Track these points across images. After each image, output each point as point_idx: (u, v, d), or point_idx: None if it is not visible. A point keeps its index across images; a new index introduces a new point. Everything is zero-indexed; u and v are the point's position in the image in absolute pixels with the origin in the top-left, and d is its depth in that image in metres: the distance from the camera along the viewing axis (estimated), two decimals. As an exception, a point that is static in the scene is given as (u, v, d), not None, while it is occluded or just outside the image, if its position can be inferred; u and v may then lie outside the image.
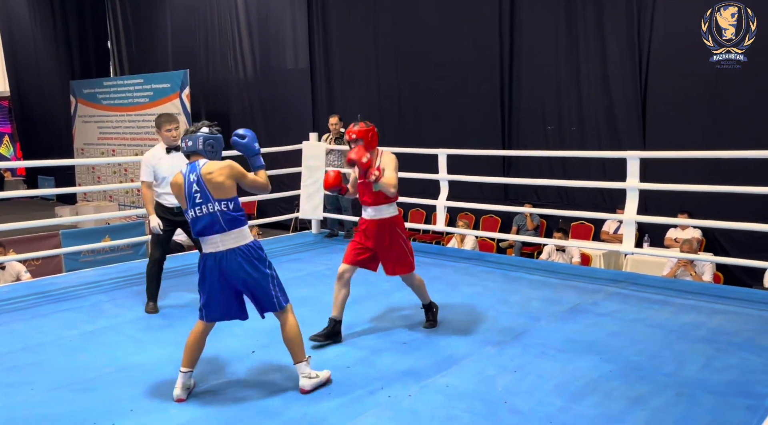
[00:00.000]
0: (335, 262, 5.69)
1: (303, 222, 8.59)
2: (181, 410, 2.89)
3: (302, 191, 6.80)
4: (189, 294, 4.69)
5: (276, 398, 2.99)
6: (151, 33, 13.98)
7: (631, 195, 5.04)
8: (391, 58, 9.71)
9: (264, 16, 11.56)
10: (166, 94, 12.57)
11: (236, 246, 2.97)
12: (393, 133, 9.62)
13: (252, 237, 3.08)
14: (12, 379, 3.25)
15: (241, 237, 2.99)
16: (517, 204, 8.10)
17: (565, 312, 4.24)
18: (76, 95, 14.86)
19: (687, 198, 6.46)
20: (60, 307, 4.43)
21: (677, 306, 4.36)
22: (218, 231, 2.95)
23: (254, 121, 11.93)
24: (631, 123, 7.53)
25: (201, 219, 2.96)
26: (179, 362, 3.09)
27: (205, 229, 2.96)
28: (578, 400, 2.94)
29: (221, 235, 2.95)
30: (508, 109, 8.55)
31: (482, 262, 5.74)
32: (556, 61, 8.07)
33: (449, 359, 3.43)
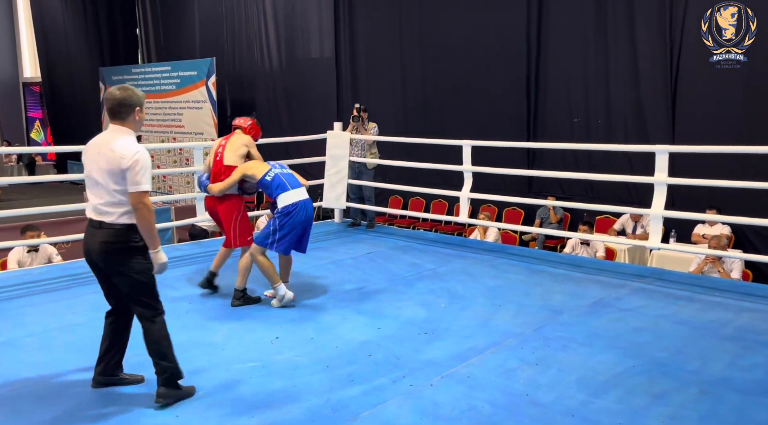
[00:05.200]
0: (358, 251, 5.76)
1: (326, 211, 8.64)
2: (206, 395, 2.95)
3: (326, 180, 6.84)
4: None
5: (299, 384, 3.04)
6: (179, 21, 14.13)
7: (659, 189, 4.97)
8: (417, 48, 9.67)
9: (290, 6, 11.59)
10: (192, 81, 12.72)
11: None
12: (417, 123, 9.61)
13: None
14: (46, 358, 3.36)
15: None
16: (540, 196, 8.04)
17: (588, 306, 4.21)
18: (105, 82, 15.12)
19: (716, 193, 6.33)
20: (91, 289, 4.51)
21: (704, 303, 4.30)
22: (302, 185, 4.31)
23: (278, 109, 12.00)
24: (660, 116, 7.39)
25: (291, 176, 4.30)
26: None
27: (296, 182, 4.27)
28: (600, 395, 2.93)
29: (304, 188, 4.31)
30: (534, 101, 8.46)
31: (505, 255, 5.73)
32: (584, 52, 7.95)
33: (471, 350, 3.44)
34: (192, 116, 12.86)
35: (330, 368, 3.21)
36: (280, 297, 4.18)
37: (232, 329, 3.79)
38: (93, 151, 2.85)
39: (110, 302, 2.99)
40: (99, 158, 2.80)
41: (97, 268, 2.90)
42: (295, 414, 2.76)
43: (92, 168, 2.82)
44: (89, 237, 2.84)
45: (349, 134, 6.71)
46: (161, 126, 13.67)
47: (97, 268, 2.89)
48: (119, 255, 2.79)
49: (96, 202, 2.81)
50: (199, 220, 6.45)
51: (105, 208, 2.79)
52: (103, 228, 2.79)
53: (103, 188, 2.78)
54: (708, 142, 5.77)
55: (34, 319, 3.96)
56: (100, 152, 2.80)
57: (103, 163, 2.77)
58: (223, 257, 4.53)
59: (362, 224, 6.92)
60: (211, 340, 3.58)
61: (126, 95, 2.80)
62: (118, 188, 2.76)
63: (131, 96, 2.82)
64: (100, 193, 2.80)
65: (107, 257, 2.80)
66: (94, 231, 2.81)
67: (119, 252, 2.79)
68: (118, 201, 2.77)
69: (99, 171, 2.79)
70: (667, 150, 4.97)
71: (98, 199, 2.80)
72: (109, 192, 2.77)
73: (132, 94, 2.83)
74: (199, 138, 12.44)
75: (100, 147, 2.82)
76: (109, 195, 2.78)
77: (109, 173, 2.76)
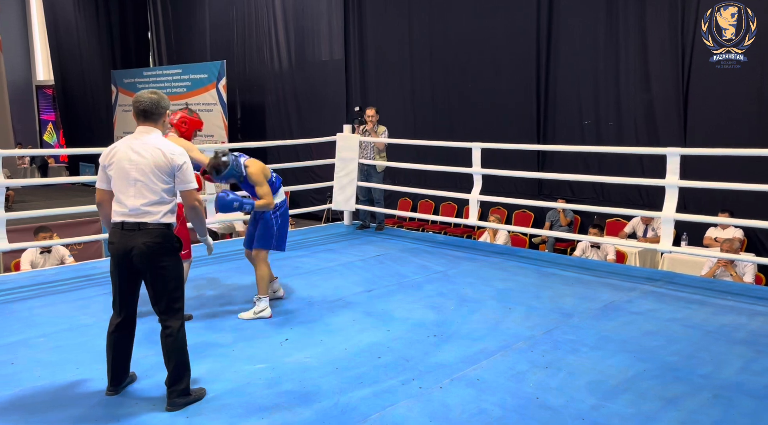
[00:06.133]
0: (367, 253, 5.76)
1: (335, 214, 8.66)
2: (216, 397, 2.96)
3: (335, 183, 6.86)
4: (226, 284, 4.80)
5: (308, 386, 3.05)
6: (190, 24, 14.23)
7: (670, 192, 4.93)
8: (426, 50, 9.67)
9: (300, 9, 11.64)
10: (203, 84, 12.80)
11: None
12: (426, 126, 9.61)
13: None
14: (57, 358, 3.39)
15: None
16: (550, 199, 8.01)
17: (599, 309, 4.19)
18: (116, 84, 15.25)
19: (728, 196, 6.28)
20: (102, 290, 4.57)
21: (716, 307, 4.26)
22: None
23: (288, 112, 12.05)
24: (672, 119, 7.35)
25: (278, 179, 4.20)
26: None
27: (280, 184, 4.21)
28: (611, 399, 2.91)
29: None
30: (544, 103, 8.44)
31: (515, 257, 5.71)
32: (594, 54, 7.92)
33: (481, 353, 3.43)
34: (203, 118, 12.92)
35: (339, 370, 3.21)
36: (259, 310, 3.97)
37: (241, 331, 3.80)
38: (128, 152, 2.82)
39: (123, 313, 2.89)
40: (141, 158, 2.80)
41: (131, 272, 2.83)
42: (305, 415, 2.76)
43: (131, 168, 2.80)
44: (126, 241, 2.77)
45: (358, 136, 6.72)
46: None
47: (131, 272, 2.83)
48: (163, 255, 2.80)
49: (136, 204, 2.78)
50: (209, 222, 6.48)
51: (148, 208, 2.79)
52: (143, 229, 2.77)
53: (148, 188, 2.79)
54: (720, 144, 5.73)
55: (47, 320, 4.00)
56: (142, 152, 2.80)
57: (150, 163, 2.79)
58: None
59: (371, 226, 6.93)
60: (220, 342, 3.59)
61: (160, 98, 2.91)
62: (165, 187, 2.81)
63: (164, 99, 2.94)
64: (143, 193, 2.79)
65: (152, 258, 2.79)
66: (131, 233, 2.77)
67: (163, 253, 2.81)
68: (162, 200, 2.81)
69: (141, 171, 2.79)
70: (678, 152, 4.93)
71: (139, 200, 2.78)
72: (154, 191, 2.79)
73: (164, 98, 2.95)
74: (209, 140, 12.51)
75: (142, 147, 2.81)
76: (154, 194, 2.79)
77: (156, 173, 2.79)
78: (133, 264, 2.80)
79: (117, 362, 2.92)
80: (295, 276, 4.94)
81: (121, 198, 2.82)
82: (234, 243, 6.24)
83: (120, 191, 2.83)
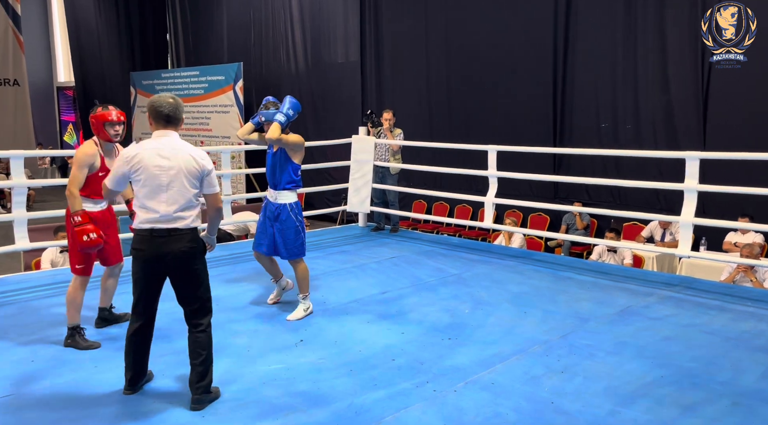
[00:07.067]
0: (381, 255, 5.76)
1: (350, 215, 8.67)
2: (232, 397, 2.98)
3: (350, 185, 6.87)
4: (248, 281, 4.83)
5: (323, 387, 3.05)
6: (207, 27, 14.37)
7: (689, 197, 4.87)
8: (442, 52, 9.66)
9: (316, 10, 11.69)
10: (220, 85, 12.91)
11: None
12: (442, 128, 9.59)
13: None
14: (76, 356, 3.43)
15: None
16: (566, 202, 7.94)
17: (616, 314, 4.14)
18: (135, 86, 15.44)
19: (749, 201, 6.17)
20: (120, 290, 4.62)
21: (736, 313, 4.19)
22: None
23: (304, 113, 12.05)
24: (691, 122, 7.26)
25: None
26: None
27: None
28: (628, 405, 2.88)
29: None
30: (561, 105, 8.38)
31: (530, 261, 5.67)
32: (612, 56, 7.85)
33: (495, 356, 3.41)
34: (219, 120, 13.05)
35: (353, 372, 3.22)
36: (306, 307, 4.08)
37: (256, 331, 3.82)
38: (155, 158, 2.80)
39: (145, 316, 2.91)
40: (172, 164, 2.81)
41: (159, 277, 2.86)
42: (319, 417, 2.77)
43: (160, 174, 2.80)
44: (157, 248, 2.78)
45: (374, 139, 6.73)
46: (189, 129, 13.88)
47: (160, 277, 2.86)
48: (196, 259, 2.87)
49: (169, 210, 2.79)
50: (224, 223, 6.53)
51: (180, 213, 2.82)
52: (174, 235, 2.80)
53: (180, 193, 2.81)
54: (741, 148, 5.64)
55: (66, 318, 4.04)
56: (171, 158, 2.81)
57: (182, 168, 2.81)
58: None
59: (386, 228, 6.93)
60: (236, 342, 3.62)
61: (177, 103, 2.93)
62: (194, 191, 2.87)
63: (181, 103, 2.97)
64: (175, 199, 2.80)
65: (188, 262, 2.83)
66: (163, 240, 2.79)
67: (196, 256, 2.87)
68: (192, 204, 2.86)
69: (173, 177, 2.80)
70: (698, 156, 4.87)
71: (171, 206, 2.80)
72: (186, 197, 2.83)
73: (180, 103, 2.97)
74: (226, 142, 12.61)
75: (170, 152, 2.82)
76: (185, 199, 2.83)
77: (189, 178, 2.83)
78: (163, 269, 2.84)
79: (136, 364, 2.96)
80: (310, 277, 4.93)
81: (149, 204, 2.81)
82: (250, 244, 6.27)
83: (148, 197, 2.82)
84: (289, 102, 4.11)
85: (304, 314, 4.07)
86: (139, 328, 2.92)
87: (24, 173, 5.26)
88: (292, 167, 4.09)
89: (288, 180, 4.06)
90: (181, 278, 2.85)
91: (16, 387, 3.04)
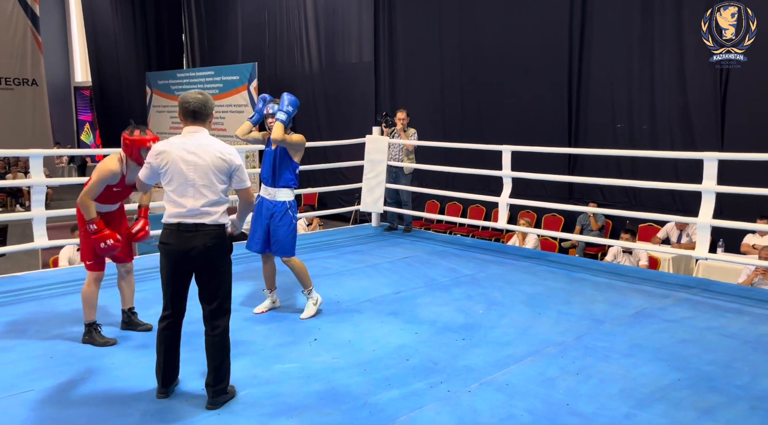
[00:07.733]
0: (395, 255, 5.76)
1: (363, 215, 8.69)
2: (247, 396, 3.00)
3: (364, 184, 6.88)
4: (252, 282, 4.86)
5: (337, 387, 3.06)
6: (222, 27, 14.47)
7: (707, 198, 4.82)
8: (456, 52, 9.64)
9: (330, 11, 11.73)
10: (234, 85, 13.00)
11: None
12: (456, 128, 9.58)
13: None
14: (93, 352, 3.47)
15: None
16: (581, 203, 7.89)
17: (631, 316, 4.11)
18: (151, 86, 15.60)
19: (767, 203, 6.10)
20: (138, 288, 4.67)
21: (754, 316, 4.14)
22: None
23: (318, 113, 12.14)
24: (709, 122, 7.17)
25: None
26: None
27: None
28: (644, 407, 2.85)
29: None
30: (576, 105, 8.33)
31: (544, 262, 5.64)
32: (628, 55, 7.79)
33: (509, 357, 3.40)
34: (234, 120, 13.14)
35: (367, 371, 3.22)
36: (315, 301, 4.06)
37: (270, 330, 3.84)
38: (182, 153, 2.82)
39: (174, 311, 2.89)
40: (199, 159, 2.83)
41: (186, 272, 2.86)
42: (333, 416, 2.78)
43: (188, 170, 2.83)
44: (184, 242, 2.79)
45: (387, 138, 6.73)
46: (204, 129, 14.00)
47: (187, 272, 2.86)
48: (221, 256, 2.87)
49: (196, 205, 2.82)
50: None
51: (206, 209, 2.83)
52: (200, 230, 2.81)
53: (208, 189, 2.84)
54: (759, 148, 5.57)
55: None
56: (199, 153, 2.83)
57: (209, 164, 2.84)
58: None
59: (399, 228, 6.93)
60: (250, 341, 3.64)
61: (206, 98, 2.94)
62: (223, 187, 2.89)
63: (210, 99, 2.96)
64: (203, 194, 2.83)
65: (212, 257, 2.84)
66: (189, 235, 2.80)
67: (221, 253, 2.88)
68: (220, 200, 2.87)
69: (200, 172, 2.83)
70: (716, 157, 4.81)
71: (198, 201, 2.82)
72: (214, 192, 2.85)
73: (210, 99, 2.97)
74: (240, 142, 12.67)
75: (197, 148, 2.84)
76: (214, 194, 2.85)
77: (217, 173, 2.85)
78: (189, 264, 2.84)
79: (167, 361, 2.93)
80: (323, 276, 4.97)
81: (177, 199, 2.83)
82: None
83: (176, 192, 2.84)
84: (287, 99, 4.11)
85: (315, 309, 4.05)
86: (170, 323, 2.94)
87: (43, 172, 5.33)
88: (291, 166, 4.10)
89: (287, 178, 4.07)
90: (204, 273, 2.86)
91: (34, 383, 3.09)
